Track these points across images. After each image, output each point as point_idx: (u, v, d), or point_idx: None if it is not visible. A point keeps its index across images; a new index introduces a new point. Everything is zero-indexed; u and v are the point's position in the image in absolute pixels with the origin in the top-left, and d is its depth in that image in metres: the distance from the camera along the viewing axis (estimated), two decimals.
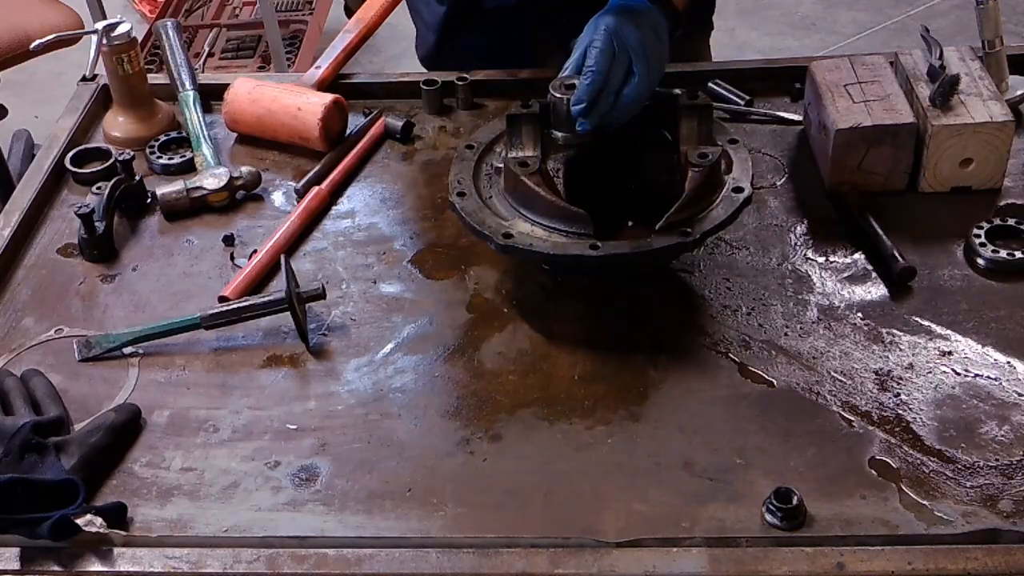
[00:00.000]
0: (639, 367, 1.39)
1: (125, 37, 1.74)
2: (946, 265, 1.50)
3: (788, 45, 3.95)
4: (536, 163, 1.45)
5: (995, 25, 1.66)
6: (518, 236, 1.39)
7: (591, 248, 1.37)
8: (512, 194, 1.45)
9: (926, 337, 1.40)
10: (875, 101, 1.59)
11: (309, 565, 1.19)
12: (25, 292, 1.55)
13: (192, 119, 1.78)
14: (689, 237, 1.37)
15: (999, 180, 1.59)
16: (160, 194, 1.65)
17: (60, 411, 1.33)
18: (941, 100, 1.57)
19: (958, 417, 1.30)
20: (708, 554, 1.18)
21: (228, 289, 1.50)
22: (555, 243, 1.39)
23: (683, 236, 1.38)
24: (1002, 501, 1.21)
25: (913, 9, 4.17)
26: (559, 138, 1.48)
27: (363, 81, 1.91)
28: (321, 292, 1.46)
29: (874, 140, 1.56)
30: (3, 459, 1.24)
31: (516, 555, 1.19)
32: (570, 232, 1.39)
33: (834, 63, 1.68)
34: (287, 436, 1.33)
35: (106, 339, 1.44)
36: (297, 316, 1.42)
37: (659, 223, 1.38)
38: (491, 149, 1.54)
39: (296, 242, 1.60)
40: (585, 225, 1.39)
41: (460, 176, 1.48)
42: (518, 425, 1.33)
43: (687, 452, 1.28)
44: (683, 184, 1.42)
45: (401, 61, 3.94)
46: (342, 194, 1.69)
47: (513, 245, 1.39)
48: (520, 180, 1.43)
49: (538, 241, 1.39)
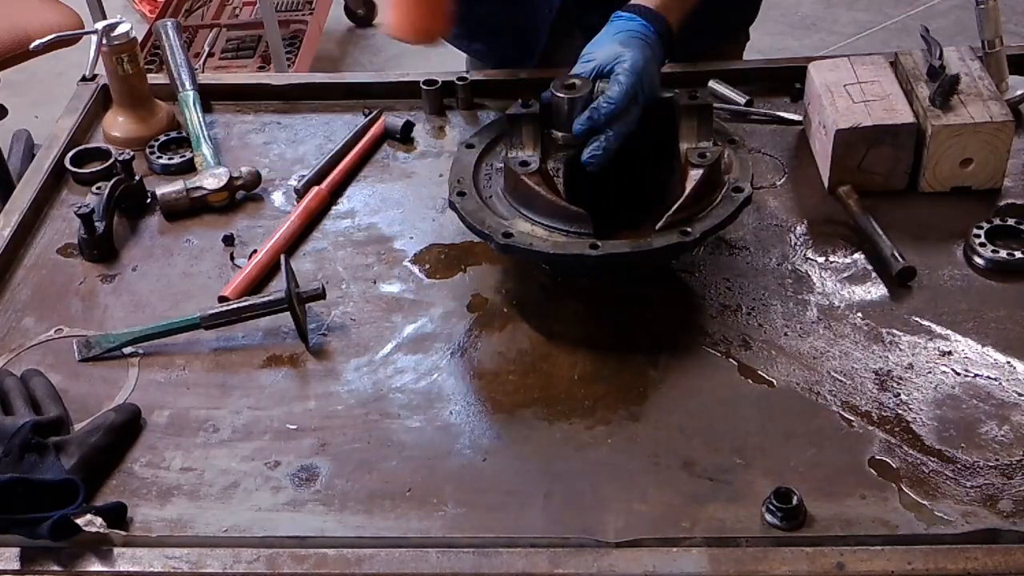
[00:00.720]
0: (639, 367, 1.39)
1: (125, 37, 1.74)
2: (946, 265, 1.50)
3: (788, 45, 3.95)
4: (536, 162, 1.45)
5: (995, 25, 1.66)
6: (518, 235, 1.39)
7: (591, 247, 1.36)
8: (512, 194, 1.45)
9: (926, 337, 1.40)
10: (875, 101, 1.59)
11: (309, 565, 1.19)
12: (25, 292, 1.55)
13: (192, 119, 1.78)
14: (689, 237, 1.37)
15: (999, 180, 1.59)
16: (160, 194, 1.65)
17: (60, 411, 1.33)
18: (941, 100, 1.56)
19: (958, 417, 1.30)
20: (708, 554, 1.18)
21: (228, 289, 1.50)
22: (555, 242, 1.39)
23: (683, 235, 1.37)
24: (1002, 501, 1.21)
25: (913, 9, 4.17)
26: (559, 138, 1.48)
27: (363, 81, 1.91)
28: (321, 292, 1.46)
29: (874, 140, 1.56)
30: (3, 459, 1.24)
31: (516, 555, 1.19)
32: (570, 232, 1.39)
33: (834, 63, 1.68)
34: (287, 436, 1.33)
35: (106, 339, 1.44)
36: (297, 316, 1.42)
37: (659, 223, 1.38)
38: (491, 149, 1.53)
39: (296, 242, 1.60)
40: (585, 224, 1.39)
41: (460, 175, 1.48)
42: (518, 425, 1.33)
43: (687, 452, 1.28)
44: (682, 184, 1.42)
45: (401, 61, 3.95)
46: (342, 194, 1.69)
47: (513, 244, 1.38)
48: (520, 180, 1.43)
49: (538, 240, 1.39)
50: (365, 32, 4.34)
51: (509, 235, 1.39)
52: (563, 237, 1.39)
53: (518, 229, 1.40)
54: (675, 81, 1.82)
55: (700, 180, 1.41)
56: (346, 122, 1.81)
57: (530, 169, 1.44)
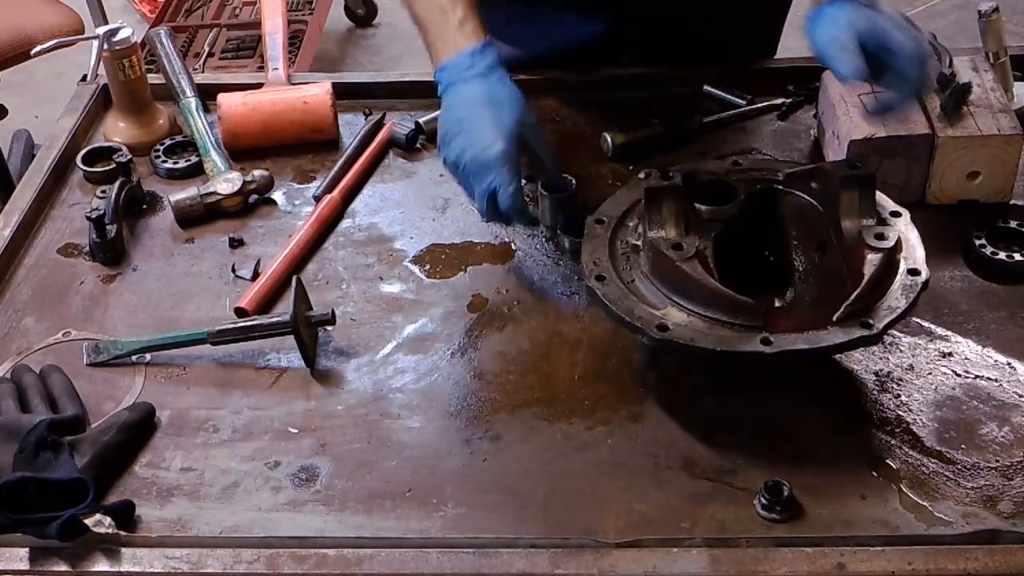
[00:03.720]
0: (639, 367, 1.39)
1: (126, 42, 1.73)
2: (947, 267, 1.49)
3: (788, 45, 3.94)
4: (690, 247, 1.30)
5: (999, 37, 1.65)
6: (675, 329, 1.26)
7: (763, 343, 1.23)
8: (663, 280, 1.31)
9: (926, 338, 1.40)
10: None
11: (309, 565, 1.19)
12: (25, 292, 1.55)
13: (197, 125, 1.77)
14: (871, 331, 1.24)
15: (1008, 194, 1.56)
16: (174, 201, 1.63)
17: (77, 409, 1.33)
18: (952, 108, 1.54)
19: (958, 418, 1.30)
20: (708, 554, 1.18)
21: (244, 300, 1.49)
22: (720, 337, 1.25)
23: (865, 328, 1.24)
24: (1002, 502, 1.21)
25: (913, 9, 4.16)
26: (704, 212, 1.37)
27: (363, 81, 1.91)
28: (331, 318, 1.42)
29: (888, 151, 1.53)
30: (18, 456, 1.24)
31: (516, 555, 1.19)
32: (735, 324, 1.26)
33: None
34: (287, 436, 1.33)
35: (115, 346, 1.44)
36: (302, 340, 1.40)
37: (837, 313, 1.25)
38: (622, 223, 1.40)
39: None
40: (753, 316, 1.25)
41: (595, 257, 1.35)
42: (518, 425, 1.33)
43: (687, 452, 1.28)
44: (853, 266, 1.31)
45: (401, 61, 3.95)
46: (353, 200, 1.68)
47: (672, 340, 1.26)
48: (676, 266, 1.29)
49: (699, 335, 1.25)
50: (365, 32, 4.34)
51: (665, 328, 1.26)
52: (727, 330, 1.25)
53: (673, 321, 1.27)
54: (677, 80, 1.83)
55: (880, 266, 1.29)
56: (347, 122, 1.81)
57: (686, 254, 1.29)
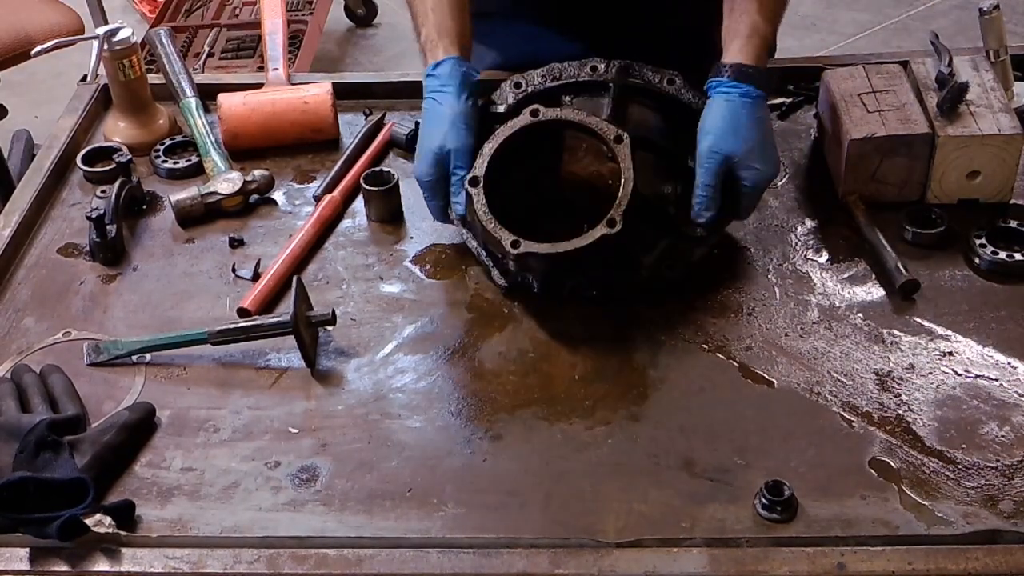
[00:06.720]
0: (639, 367, 1.39)
1: (126, 42, 1.73)
2: (947, 266, 1.49)
3: (788, 45, 3.93)
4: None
5: (999, 35, 1.65)
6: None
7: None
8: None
9: (927, 338, 1.40)
10: (889, 111, 1.56)
11: (309, 565, 1.19)
12: (25, 292, 1.55)
13: (197, 125, 1.77)
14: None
15: (1008, 194, 1.56)
16: (175, 201, 1.63)
17: (77, 409, 1.33)
18: (949, 106, 1.54)
19: (959, 418, 1.30)
20: (708, 554, 1.18)
21: (247, 300, 1.49)
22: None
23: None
24: (1002, 502, 1.21)
25: (913, 9, 4.16)
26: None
27: (363, 81, 1.91)
28: (331, 318, 1.43)
29: (888, 150, 1.54)
30: (18, 456, 1.24)
31: (516, 555, 1.19)
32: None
33: (849, 72, 1.65)
34: (287, 436, 1.33)
35: (115, 346, 1.44)
36: (302, 340, 1.40)
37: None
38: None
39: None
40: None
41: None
42: (518, 425, 1.33)
43: (687, 452, 1.28)
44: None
45: (401, 61, 3.95)
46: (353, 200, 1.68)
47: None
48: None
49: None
50: (365, 32, 4.34)
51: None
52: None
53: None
54: None
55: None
56: (347, 122, 1.81)
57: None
